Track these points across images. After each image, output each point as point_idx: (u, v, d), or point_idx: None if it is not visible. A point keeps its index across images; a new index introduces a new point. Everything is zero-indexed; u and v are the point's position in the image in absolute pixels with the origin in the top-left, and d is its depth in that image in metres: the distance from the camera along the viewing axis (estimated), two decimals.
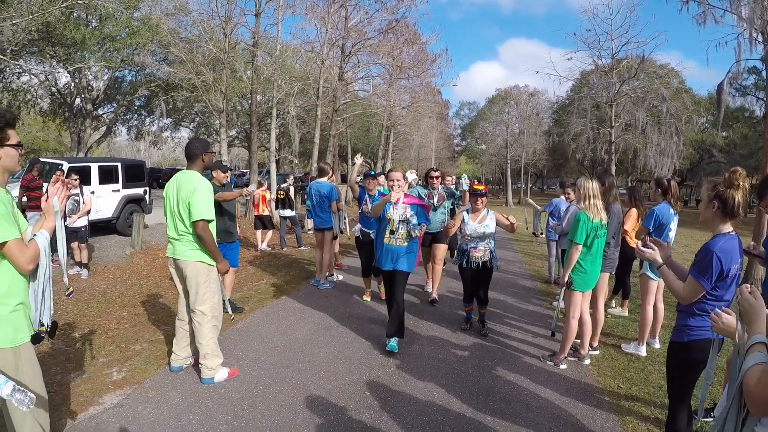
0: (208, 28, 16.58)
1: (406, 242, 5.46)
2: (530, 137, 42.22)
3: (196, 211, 4.27)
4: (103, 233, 12.15)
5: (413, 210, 5.51)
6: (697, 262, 2.83)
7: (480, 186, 6.14)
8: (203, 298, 4.52)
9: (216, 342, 4.63)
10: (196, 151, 4.52)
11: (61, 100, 25.25)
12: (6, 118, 2.70)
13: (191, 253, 4.45)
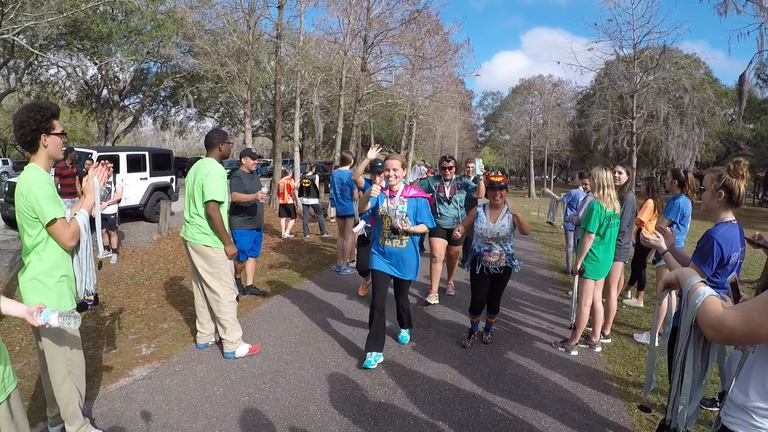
0: (231, 20, 16.81)
1: (404, 244, 4.74)
2: (554, 128, 41.82)
3: (207, 191, 4.57)
4: (131, 220, 12.51)
5: (412, 204, 4.72)
6: (699, 249, 2.95)
7: (497, 177, 5.13)
8: (214, 279, 4.80)
9: (234, 317, 4.90)
10: (213, 141, 4.88)
11: (89, 92, 25.81)
12: (51, 110, 2.99)
13: (199, 236, 4.74)
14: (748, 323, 1.51)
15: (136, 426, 3.65)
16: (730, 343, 1.76)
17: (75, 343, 3.26)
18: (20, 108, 3.08)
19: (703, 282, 1.81)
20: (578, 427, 3.78)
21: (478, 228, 5.14)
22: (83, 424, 3.34)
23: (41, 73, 24.05)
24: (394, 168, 4.73)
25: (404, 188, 4.79)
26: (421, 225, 4.74)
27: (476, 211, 5.22)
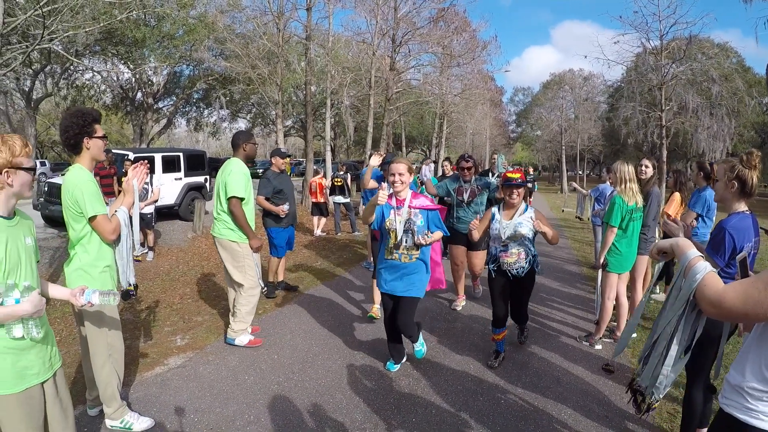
0: (261, 23, 17.09)
1: (413, 258, 4.27)
2: (585, 122, 41.26)
3: (230, 188, 4.85)
4: (166, 219, 12.89)
5: (423, 217, 4.26)
6: (711, 240, 2.99)
7: (515, 173, 4.60)
8: (238, 272, 5.07)
9: (249, 311, 5.14)
10: (238, 141, 5.16)
11: (124, 95, 26.49)
12: (93, 115, 3.25)
13: (225, 232, 5.01)
14: (747, 301, 1.54)
15: (169, 410, 3.88)
16: (729, 319, 1.81)
17: (115, 330, 3.53)
18: (65, 114, 3.34)
19: (700, 257, 1.84)
20: (597, 419, 3.85)
21: (493, 230, 4.71)
22: (120, 406, 3.59)
23: (77, 77, 24.74)
24: (400, 173, 4.18)
25: (412, 196, 4.30)
26: (437, 233, 4.31)
27: (491, 212, 4.76)
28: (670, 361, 2.03)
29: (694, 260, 1.82)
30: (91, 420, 3.71)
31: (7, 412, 2.33)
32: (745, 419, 1.69)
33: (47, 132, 37.87)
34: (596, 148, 46.29)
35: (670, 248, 2.03)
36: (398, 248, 4.25)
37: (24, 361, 2.34)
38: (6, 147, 2.27)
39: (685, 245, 1.94)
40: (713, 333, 2.97)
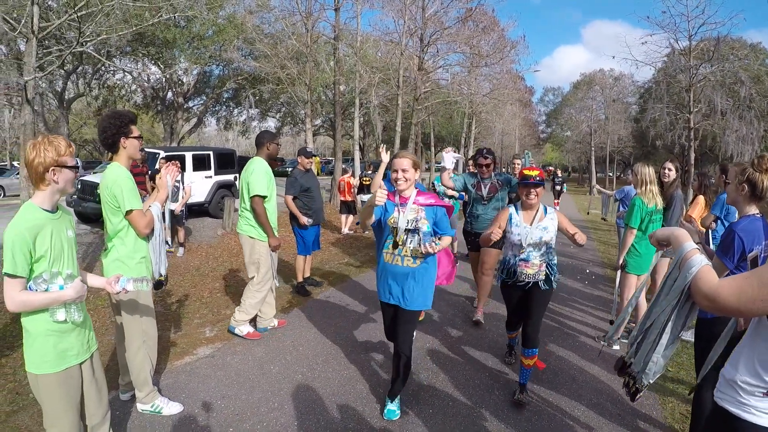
0: (289, 23, 17.35)
1: (417, 262, 3.74)
2: (615, 123, 40.75)
3: (252, 187, 5.07)
4: (196, 216, 13.23)
5: (430, 215, 3.78)
6: (721, 242, 3.06)
7: (533, 170, 4.13)
8: (252, 267, 5.31)
9: (252, 304, 5.36)
10: (263, 141, 5.43)
11: (154, 95, 27.04)
12: (129, 116, 3.50)
13: (246, 228, 5.25)
14: (741, 297, 1.56)
15: (198, 396, 4.11)
16: (722, 314, 1.79)
17: (150, 318, 3.78)
18: (103, 115, 3.60)
19: (697, 249, 1.84)
20: (610, 416, 3.94)
21: (511, 234, 4.16)
22: (152, 390, 3.83)
23: (108, 77, 25.31)
24: (404, 168, 3.72)
25: (417, 193, 3.85)
26: (445, 238, 3.81)
27: (508, 212, 4.24)
28: (661, 349, 2.05)
29: (690, 252, 1.84)
30: (122, 404, 3.94)
31: (48, 389, 2.57)
32: (737, 413, 1.74)
33: (79, 131, 38.73)
34: (626, 150, 45.63)
35: (667, 239, 2.07)
36: (400, 249, 3.74)
37: (65, 343, 2.59)
38: (52, 147, 2.50)
39: (682, 236, 1.96)
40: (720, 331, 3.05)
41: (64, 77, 21.90)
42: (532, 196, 4.09)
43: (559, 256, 10.06)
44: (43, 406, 2.64)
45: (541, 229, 4.09)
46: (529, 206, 4.18)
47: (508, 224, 4.19)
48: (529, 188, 4.08)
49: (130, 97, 27.35)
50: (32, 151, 2.48)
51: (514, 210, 4.24)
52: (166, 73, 22.44)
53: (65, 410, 2.64)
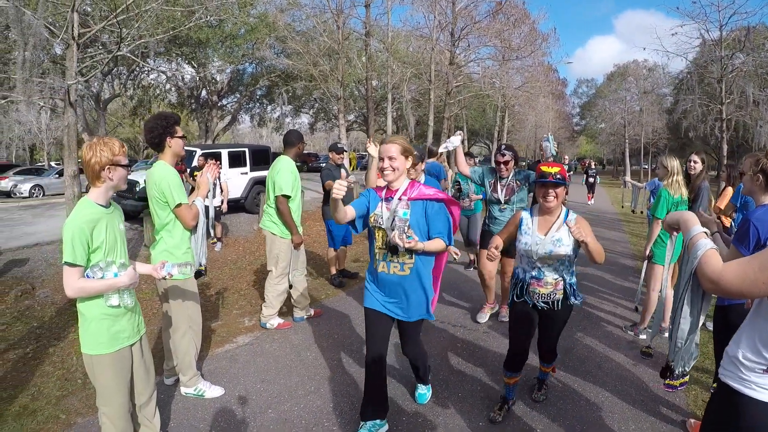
0: (320, 21, 17.59)
1: (408, 267, 3.27)
2: (650, 115, 39.96)
3: (278, 187, 5.25)
4: (233, 212, 13.61)
5: (419, 211, 3.25)
6: (737, 231, 3.15)
7: (552, 167, 3.37)
8: (271, 261, 5.56)
9: (274, 296, 5.61)
10: (292, 140, 5.59)
11: (188, 93, 27.59)
12: (174, 118, 3.77)
13: (269, 224, 5.48)
14: (744, 280, 1.62)
15: (238, 380, 4.39)
16: (726, 296, 1.90)
17: (195, 304, 4.06)
18: (150, 117, 3.90)
19: (704, 233, 1.91)
20: (633, 402, 4.05)
21: (521, 243, 3.57)
22: (195, 374, 4.12)
23: (143, 78, 25.93)
24: (391, 156, 3.20)
25: (409, 186, 3.31)
26: (435, 240, 3.23)
27: (519, 217, 3.64)
28: (683, 334, 2.11)
29: (697, 236, 1.91)
30: (167, 388, 4.22)
31: (101, 369, 2.84)
32: (739, 388, 1.84)
33: (114, 131, 39.76)
34: (661, 142, 44.68)
35: (676, 222, 2.14)
36: (386, 254, 3.27)
37: (117, 326, 2.85)
38: (107, 148, 2.76)
39: (691, 221, 2.02)
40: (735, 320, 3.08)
41: (100, 79, 22.56)
42: (550, 198, 3.34)
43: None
44: (96, 385, 2.90)
45: (554, 242, 3.40)
46: (547, 210, 3.45)
47: (519, 231, 3.60)
48: (547, 188, 3.33)
49: (164, 96, 28.01)
50: (89, 151, 2.74)
51: (527, 214, 3.60)
52: (200, 72, 22.93)
53: (117, 389, 2.90)
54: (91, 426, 3.72)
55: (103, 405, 2.92)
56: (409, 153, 3.28)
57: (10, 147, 32.80)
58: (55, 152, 40.02)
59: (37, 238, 10.74)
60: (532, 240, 3.48)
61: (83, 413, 3.93)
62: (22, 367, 4.80)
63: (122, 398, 2.94)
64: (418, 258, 3.26)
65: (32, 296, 6.99)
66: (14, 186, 22.88)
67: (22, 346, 5.31)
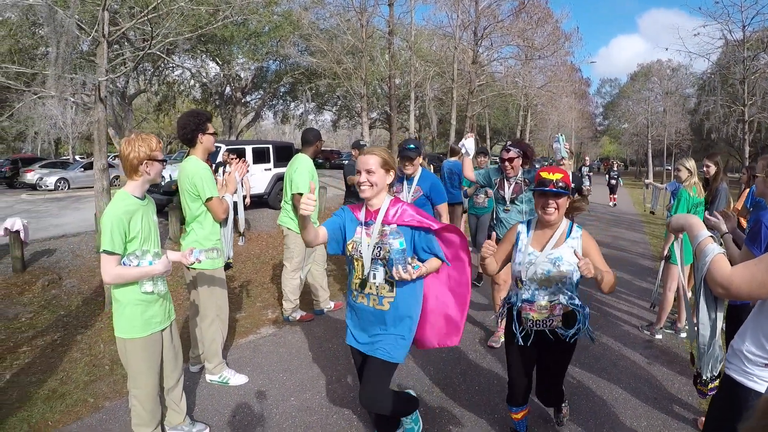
0: (344, 19, 17.74)
1: (387, 302, 2.84)
2: (673, 116, 39.44)
3: (295, 185, 5.36)
4: (256, 207, 13.86)
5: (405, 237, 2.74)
6: (749, 231, 3.21)
7: (553, 173, 2.89)
8: (288, 257, 5.71)
9: (290, 290, 5.75)
10: (311, 138, 5.72)
11: (213, 90, 27.92)
12: (206, 115, 3.96)
13: (285, 219, 5.64)
14: (752, 282, 1.69)
15: (261, 369, 4.58)
16: (737, 299, 1.99)
17: (223, 294, 4.24)
18: (182, 114, 4.09)
19: (711, 237, 1.95)
20: (646, 400, 4.13)
21: (514, 262, 3.10)
22: (220, 362, 4.30)
23: (168, 74, 26.25)
24: (368, 169, 2.78)
25: (390, 205, 2.86)
26: (431, 260, 2.88)
27: (517, 229, 3.14)
28: (704, 339, 2.12)
29: (704, 242, 1.94)
30: (192, 375, 4.40)
31: (134, 353, 3.01)
32: (742, 381, 1.92)
33: (139, 126, 40.32)
34: (684, 143, 44.02)
35: (681, 228, 2.18)
36: (365, 286, 2.86)
37: (150, 312, 3.02)
38: (145, 144, 2.93)
39: (696, 225, 2.06)
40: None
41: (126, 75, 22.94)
42: (550, 210, 2.87)
43: (609, 248, 10.25)
44: (128, 368, 3.07)
45: (552, 260, 2.92)
46: (546, 224, 2.97)
47: (515, 247, 3.11)
48: (547, 198, 2.87)
49: (188, 92, 28.36)
50: (127, 146, 2.91)
51: (524, 228, 3.12)
52: (224, 69, 23.21)
53: (148, 372, 3.07)
54: (118, 410, 3.91)
55: (134, 387, 3.10)
56: (390, 167, 2.86)
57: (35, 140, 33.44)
58: (79, 146, 40.73)
59: (63, 230, 11.11)
60: (525, 258, 2.98)
61: (111, 397, 4.13)
62: (51, 353, 5.02)
63: (153, 381, 3.11)
64: (400, 290, 2.83)
65: (59, 286, 7.24)
66: (40, 179, 23.31)
67: (50, 333, 5.54)
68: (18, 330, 5.66)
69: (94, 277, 7.58)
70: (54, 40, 9.01)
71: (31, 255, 8.51)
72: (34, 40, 17.00)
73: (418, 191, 4.82)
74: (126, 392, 3.98)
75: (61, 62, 9.61)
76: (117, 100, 23.78)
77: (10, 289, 7.04)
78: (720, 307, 2.09)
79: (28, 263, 8.10)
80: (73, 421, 3.78)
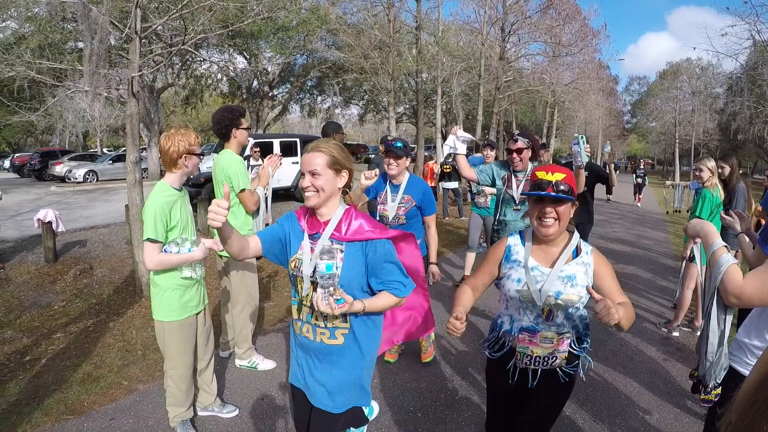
0: (371, 14, 17.86)
1: (341, 333, 2.22)
2: (701, 115, 38.80)
3: None
4: (283, 200, 14.12)
5: (355, 255, 2.19)
6: (762, 231, 3.31)
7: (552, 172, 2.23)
8: None
9: None
10: (329, 131, 5.93)
11: (242, 84, 28.22)
12: (240, 111, 4.16)
13: None
14: (763, 289, 1.76)
15: (289, 356, 4.72)
16: (750, 306, 2.00)
17: (254, 281, 4.45)
18: (217, 109, 4.29)
19: (725, 247, 2.00)
20: (660, 394, 4.23)
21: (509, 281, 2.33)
22: (250, 347, 4.51)
23: (195, 68, 26.49)
24: (312, 171, 2.16)
25: (344, 216, 2.23)
26: (382, 295, 2.20)
27: (504, 245, 2.42)
28: (713, 348, 2.10)
29: (718, 251, 1.99)
30: (221, 360, 4.62)
31: (171, 335, 3.22)
32: (744, 372, 2.03)
33: (168, 119, 40.84)
34: (712, 143, 43.19)
35: (697, 235, 2.23)
36: (303, 312, 2.27)
37: (187, 296, 3.22)
38: (185, 138, 3.13)
39: (711, 233, 2.11)
40: None
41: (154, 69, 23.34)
42: (548, 220, 2.20)
43: (633, 247, 10.29)
44: (165, 350, 3.27)
45: (563, 279, 2.24)
46: (544, 238, 2.27)
47: (504, 263, 2.40)
48: (544, 205, 2.20)
49: (216, 86, 28.74)
50: (167, 141, 3.10)
51: (517, 239, 2.41)
52: (252, 64, 23.47)
53: (184, 353, 3.28)
54: (151, 392, 4.11)
55: (170, 368, 3.30)
56: (342, 166, 2.22)
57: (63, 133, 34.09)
58: (107, 139, 41.49)
59: (93, 221, 11.45)
60: (531, 276, 2.27)
61: (144, 381, 4.34)
62: (84, 339, 5.25)
63: (188, 362, 3.31)
64: (356, 321, 2.23)
65: (90, 275, 7.49)
66: (69, 171, 23.72)
67: (83, 320, 5.77)
68: (51, 317, 5.91)
69: (125, 267, 7.82)
70: (88, 37, 9.30)
71: (62, 245, 8.79)
72: (63, 35, 17.37)
73: (409, 201, 4.10)
74: (158, 375, 4.25)
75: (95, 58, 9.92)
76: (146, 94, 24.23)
77: (43, 279, 7.32)
78: (729, 316, 2.11)
79: (59, 253, 8.36)
80: (108, 403, 3.98)
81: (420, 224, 4.25)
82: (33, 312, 6.07)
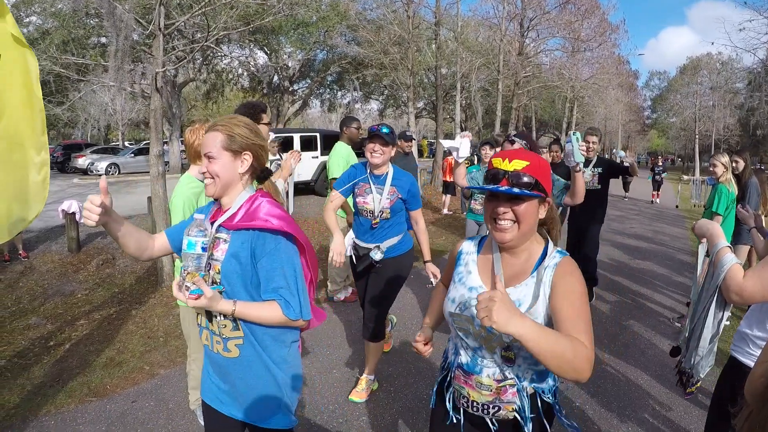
0: (390, 10, 17.93)
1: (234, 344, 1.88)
2: (721, 111, 38.27)
3: (329, 171, 5.76)
4: (303, 194, 14.32)
5: (240, 245, 1.82)
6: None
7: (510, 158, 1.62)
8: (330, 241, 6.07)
9: (338, 274, 6.20)
10: (341, 126, 6.13)
11: (264, 79, 28.39)
12: (261, 107, 4.31)
13: None
14: (764, 286, 1.80)
15: (307, 343, 4.96)
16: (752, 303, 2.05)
17: None
18: (240, 105, 4.42)
19: (729, 247, 2.03)
20: (670, 386, 4.29)
21: (447, 299, 1.84)
22: None
23: (217, 63, 26.61)
24: (209, 154, 1.84)
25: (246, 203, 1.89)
26: (266, 304, 1.84)
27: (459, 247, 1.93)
28: (704, 343, 2.18)
29: (722, 251, 2.02)
30: None
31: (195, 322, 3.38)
32: (745, 362, 2.08)
33: (189, 113, 41.16)
34: (732, 139, 42.46)
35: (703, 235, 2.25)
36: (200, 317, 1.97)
37: None
38: None
39: (716, 234, 2.14)
40: None
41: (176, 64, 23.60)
42: (503, 222, 1.62)
43: (650, 243, 10.30)
44: (190, 335, 3.40)
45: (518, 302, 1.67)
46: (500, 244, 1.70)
47: (453, 282, 1.88)
48: (498, 202, 1.63)
49: (237, 81, 28.97)
50: (192, 135, 3.24)
51: (472, 246, 1.90)
52: (272, 59, 23.65)
53: None
54: (172, 377, 4.28)
55: (194, 352, 3.44)
56: (243, 148, 1.87)
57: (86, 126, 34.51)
58: (128, 132, 42.05)
59: None
60: (466, 295, 1.76)
61: (165, 366, 4.51)
62: (107, 326, 5.44)
63: None
64: (250, 330, 1.87)
65: (113, 265, 7.70)
66: (91, 164, 24.05)
67: (106, 308, 5.97)
68: (75, 305, 6.11)
69: None
70: (114, 34, 9.52)
71: (86, 236, 8.97)
72: (86, 31, 17.67)
73: (393, 193, 3.79)
74: (179, 361, 4.43)
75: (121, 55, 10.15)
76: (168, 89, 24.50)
77: (66, 268, 7.54)
78: (725, 314, 2.19)
79: (83, 243, 8.56)
80: (130, 386, 4.16)
81: (404, 218, 4.01)
82: (56, 300, 6.28)
